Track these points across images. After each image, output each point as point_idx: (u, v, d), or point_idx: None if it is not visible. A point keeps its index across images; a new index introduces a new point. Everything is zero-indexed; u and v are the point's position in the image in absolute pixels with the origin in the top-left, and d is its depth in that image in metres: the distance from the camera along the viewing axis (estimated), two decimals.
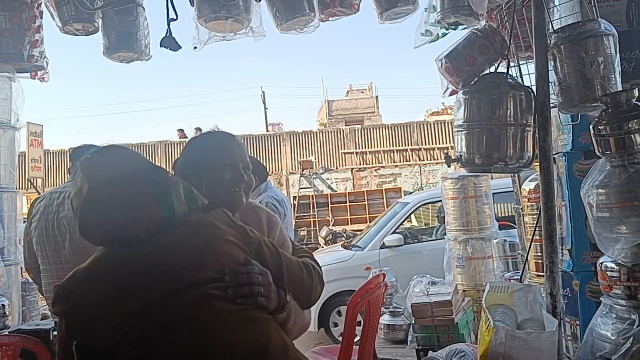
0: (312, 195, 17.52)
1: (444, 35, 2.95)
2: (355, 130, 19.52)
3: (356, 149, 18.91)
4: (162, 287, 1.23)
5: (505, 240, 4.65)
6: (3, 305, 3.13)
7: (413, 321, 3.84)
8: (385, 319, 4.60)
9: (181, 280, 1.24)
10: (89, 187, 1.32)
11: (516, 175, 3.55)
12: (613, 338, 1.97)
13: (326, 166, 18.65)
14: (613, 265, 2.04)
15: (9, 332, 2.90)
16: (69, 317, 1.26)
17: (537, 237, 2.74)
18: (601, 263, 2.12)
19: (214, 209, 1.43)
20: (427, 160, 18.53)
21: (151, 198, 1.31)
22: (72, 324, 1.25)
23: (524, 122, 2.46)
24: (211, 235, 1.33)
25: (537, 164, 2.42)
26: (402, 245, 6.03)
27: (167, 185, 1.35)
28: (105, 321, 1.22)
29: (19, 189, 4.24)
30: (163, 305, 1.21)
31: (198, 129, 15.59)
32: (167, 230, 1.31)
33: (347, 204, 17.06)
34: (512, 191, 3.90)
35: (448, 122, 18.49)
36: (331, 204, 17.21)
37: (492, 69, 2.66)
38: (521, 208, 3.41)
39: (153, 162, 1.52)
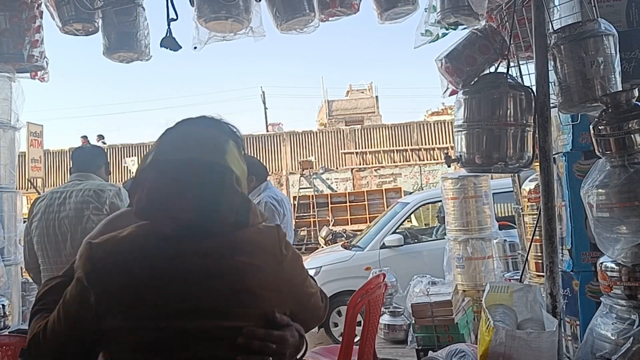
0: (312, 196, 17.53)
1: (444, 35, 2.95)
2: (355, 130, 19.53)
3: (356, 149, 18.92)
4: (169, 305, 1.16)
5: (505, 240, 4.65)
6: (3, 305, 3.12)
7: (413, 321, 3.84)
8: (385, 319, 4.61)
9: (190, 306, 1.17)
10: (152, 158, 1.25)
11: (516, 175, 3.55)
12: (613, 338, 1.97)
13: (326, 166, 18.65)
14: (613, 265, 2.04)
15: (9, 332, 2.90)
16: (88, 277, 1.19)
17: (537, 237, 2.74)
18: (601, 263, 2.12)
19: (268, 227, 1.30)
20: (427, 160, 18.54)
21: (195, 193, 1.20)
22: (89, 284, 1.19)
23: (524, 122, 2.47)
24: (246, 268, 1.21)
25: (537, 164, 2.42)
26: (402, 246, 6.03)
27: (222, 187, 1.22)
28: (107, 307, 1.17)
29: (19, 189, 4.23)
30: (163, 327, 1.16)
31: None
32: (202, 236, 1.21)
33: (347, 204, 17.07)
34: (512, 191, 3.90)
35: (448, 122, 18.49)
36: (331, 204, 17.21)
37: (492, 69, 2.66)
38: (521, 208, 3.41)
39: None
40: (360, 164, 18.68)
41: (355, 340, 2.75)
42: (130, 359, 1.17)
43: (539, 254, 2.90)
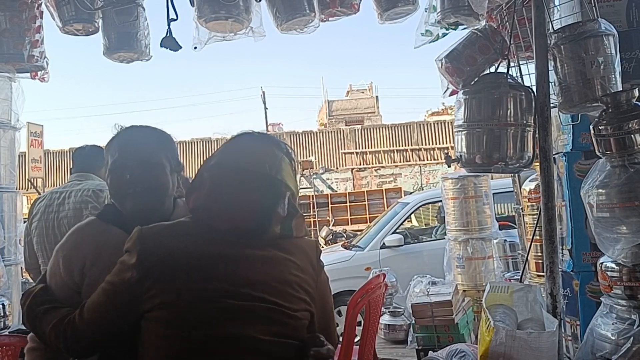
0: (312, 196, 17.52)
1: (444, 35, 2.95)
2: (355, 130, 19.54)
3: (356, 149, 18.93)
4: (212, 283, 1.23)
5: (505, 240, 4.65)
6: (3, 305, 3.13)
7: (413, 321, 3.84)
8: (385, 319, 4.60)
9: (230, 287, 1.23)
10: (215, 162, 1.34)
11: (516, 175, 3.55)
12: (613, 338, 1.97)
13: (326, 166, 18.66)
14: (613, 265, 2.04)
15: (9, 332, 2.90)
16: (138, 256, 1.25)
17: (538, 237, 2.74)
18: (601, 263, 2.12)
19: (309, 240, 1.42)
20: (427, 160, 18.56)
21: (253, 202, 1.29)
22: (139, 267, 1.24)
23: (524, 122, 2.46)
24: (289, 263, 1.31)
25: (537, 164, 2.42)
26: (402, 246, 6.02)
27: (277, 199, 1.31)
28: (151, 283, 1.22)
29: (19, 189, 4.23)
30: (202, 303, 1.21)
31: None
32: (250, 237, 1.29)
33: (348, 204, 17.06)
34: (512, 191, 3.90)
35: (448, 122, 18.51)
36: (331, 204, 17.21)
37: (492, 69, 2.66)
38: (521, 208, 3.41)
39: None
40: (360, 164, 18.69)
41: (356, 340, 2.74)
42: (168, 335, 1.21)
43: (539, 254, 2.89)
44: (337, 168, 18.72)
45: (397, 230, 6.27)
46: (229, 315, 1.21)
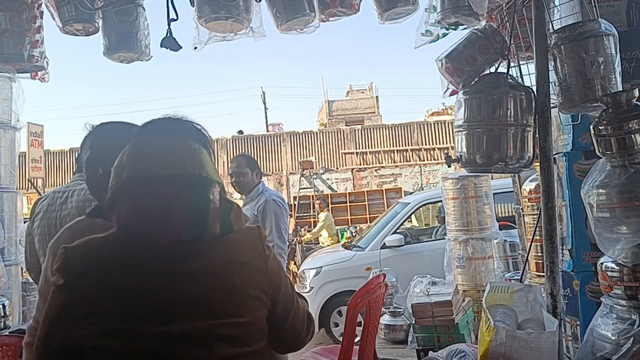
0: (313, 196, 17.51)
1: (444, 35, 2.95)
2: (355, 130, 19.52)
3: (356, 149, 18.91)
4: (156, 309, 1.13)
5: (505, 240, 4.65)
6: (3, 305, 3.13)
7: (413, 321, 3.84)
8: (385, 319, 4.60)
9: (177, 309, 1.14)
10: (128, 174, 1.18)
11: (516, 175, 3.55)
12: (613, 338, 1.97)
13: (326, 166, 18.64)
14: (613, 265, 2.04)
15: (9, 332, 2.90)
16: (65, 284, 1.14)
17: (538, 237, 2.74)
18: (601, 263, 2.12)
19: (250, 228, 1.30)
20: (428, 160, 18.53)
21: (183, 211, 1.16)
22: (67, 291, 1.14)
23: (525, 122, 2.47)
24: (234, 265, 1.21)
25: (538, 164, 2.42)
26: (402, 246, 6.03)
27: (208, 201, 1.19)
28: (86, 314, 1.12)
29: (20, 189, 4.24)
30: (150, 333, 1.12)
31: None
32: (189, 247, 1.18)
33: (348, 204, 17.06)
34: (512, 191, 3.90)
35: (448, 122, 18.48)
36: (331, 204, 17.19)
37: (493, 69, 2.66)
38: (521, 208, 3.41)
39: None
40: (360, 164, 18.67)
41: (356, 340, 2.74)
42: None
43: (540, 254, 2.89)
44: (337, 168, 18.70)
45: (398, 231, 6.28)
46: (177, 342, 1.12)
